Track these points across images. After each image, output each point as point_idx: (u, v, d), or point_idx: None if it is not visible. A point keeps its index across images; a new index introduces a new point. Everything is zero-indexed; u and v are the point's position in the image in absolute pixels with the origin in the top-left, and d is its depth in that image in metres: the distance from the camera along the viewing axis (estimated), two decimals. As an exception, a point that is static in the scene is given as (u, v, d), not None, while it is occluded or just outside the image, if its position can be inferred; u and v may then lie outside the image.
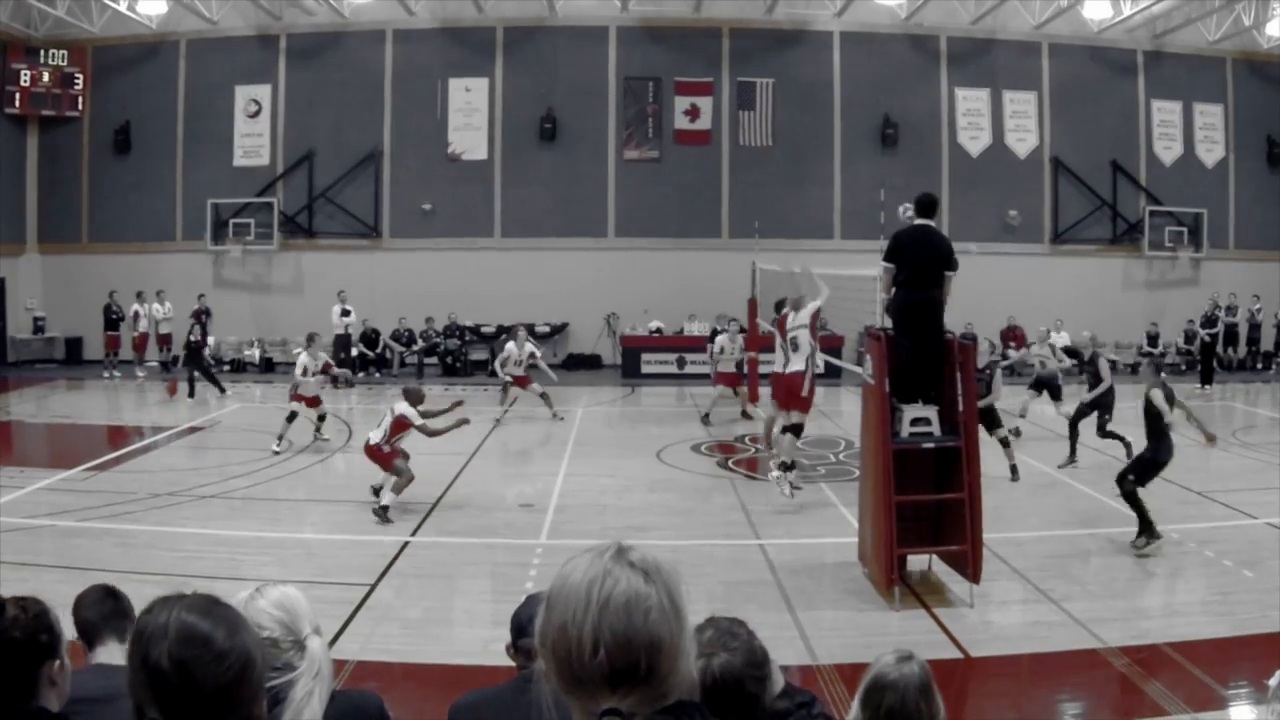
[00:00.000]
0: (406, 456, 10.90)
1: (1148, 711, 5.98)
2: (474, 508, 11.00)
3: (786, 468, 11.06)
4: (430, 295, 23.35)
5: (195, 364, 19.20)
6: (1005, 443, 12.41)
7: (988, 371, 12.34)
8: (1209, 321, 22.62)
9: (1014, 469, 12.31)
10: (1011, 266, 23.88)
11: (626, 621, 1.38)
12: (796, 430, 11.25)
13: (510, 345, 16.97)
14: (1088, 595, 8.09)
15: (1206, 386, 21.27)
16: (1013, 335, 22.97)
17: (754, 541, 9.57)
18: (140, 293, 22.66)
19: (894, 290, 8.36)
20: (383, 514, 10.35)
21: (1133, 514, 9.43)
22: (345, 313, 21.65)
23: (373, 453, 10.93)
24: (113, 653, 2.66)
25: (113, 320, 22.79)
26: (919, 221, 8.44)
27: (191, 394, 19.06)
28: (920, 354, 8.25)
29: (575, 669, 1.38)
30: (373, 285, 21.44)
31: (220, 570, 8.23)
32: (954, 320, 8.98)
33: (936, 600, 8.05)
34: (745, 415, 16.84)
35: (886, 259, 8.32)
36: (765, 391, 14.93)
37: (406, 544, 9.54)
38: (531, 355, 16.92)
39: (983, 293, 21.04)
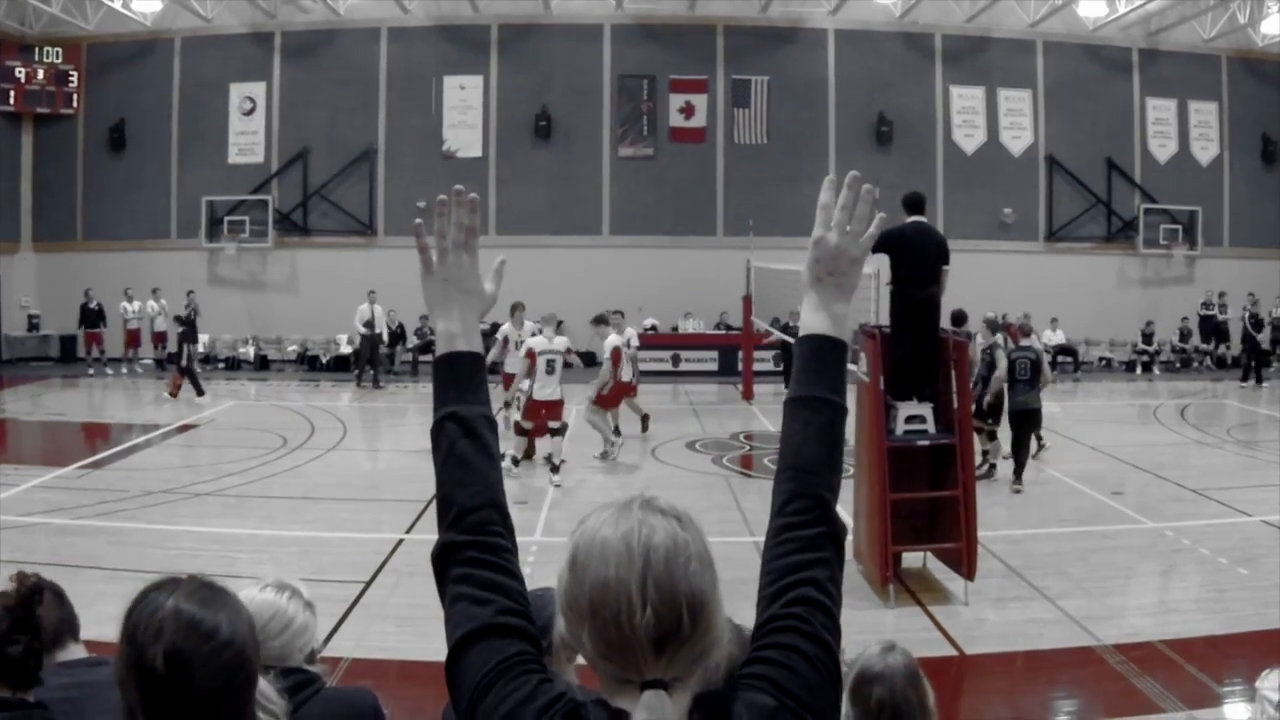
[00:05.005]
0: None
1: (1143, 709, 5.99)
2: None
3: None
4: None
5: (180, 362, 19.00)
6: (993, 435, 12.29)
7: (988, 354, 12.13)
8: (1255, 322, 21.85)
9: (993, 466, 12.23)
10: (1006, 264, 23.93)
11: (669, 574, 1.32)
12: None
13: (612, 336, 13.69)
14: (1082, 592, 8.10)
15: (1253, 383, 21.11)
16: (1008, 331, 22.97)
17: (749, 539, 9.58)
18: (129, 289, 22.55)
19: (891, 288, 8.35)
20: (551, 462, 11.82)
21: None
22: (369, 323, 20.62)
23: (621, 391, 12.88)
24: (72, 651, 2.63)
25: (90, 317, 22.59)
26: (913, 219, 8.44)
27: (200, 392, 18.85)
28: (917, 351, 8.26)
29: (623, 631, 1.30)
30: (367, 283, 21.38)
31: (215, 568, 8.18)
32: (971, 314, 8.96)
33: (932, 598, 8.05)
34: (644, 424, 15.04)
35: (885, 250, 8.30)
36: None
37: (401, 541, 9.54)
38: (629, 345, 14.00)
39: (977, 291, 21.00)
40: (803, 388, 1.64)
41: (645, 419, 15.05)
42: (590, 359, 24.19)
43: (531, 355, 12.13)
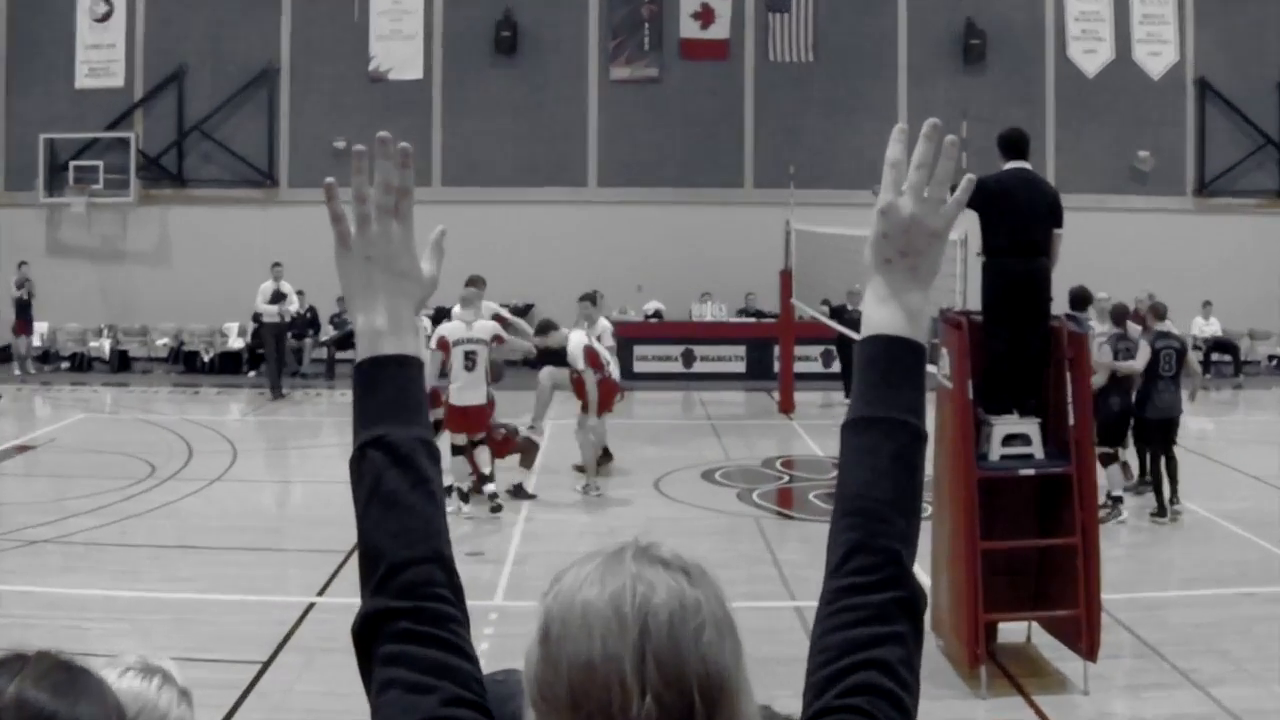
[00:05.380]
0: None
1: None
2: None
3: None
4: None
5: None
6: (1112, 459, 12.29)
7: (1120, 348, 12.16)
8: None
9: (1117, 502, 12.24)
10: (1140, 227, 23.91)
11: (675, 648, 1.31)
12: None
13: (575, 335, 13.78)
14: (1245, 678, 8.09)
15: None
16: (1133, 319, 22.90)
17: (788, 603, 9.59)
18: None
19: (984, 260, 8.35)
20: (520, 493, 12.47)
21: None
22: (280, 296, 20.86)
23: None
24: None
25: None
26: (1013, 165, 8.44)
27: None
28: (1020, 347, 8.25)
29: None
30: (268, 252, 21.36)
31: (57, 642, 8.20)
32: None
33: (1038, 684, 8.04)
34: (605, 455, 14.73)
35: (975, 208, 8.29)
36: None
37: (312, 606, 9.53)
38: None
39: (1100, 263, 20.88)
40: (867, 406, 1.65)
41: (606, 453, 14.70)
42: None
43: (445, 346, 12.25)
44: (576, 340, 13.46)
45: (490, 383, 13.06)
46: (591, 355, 13.33)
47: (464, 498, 12.41)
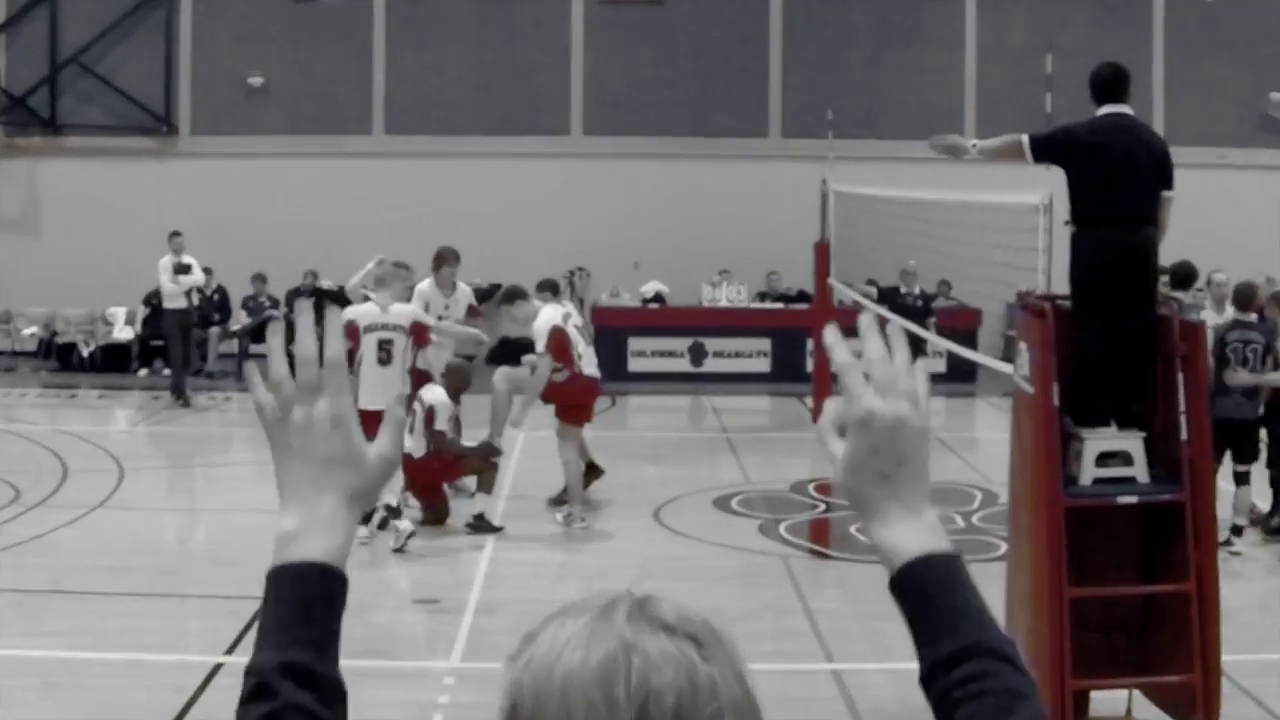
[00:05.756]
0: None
1: None
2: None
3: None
4: (261, 234, 23.21)
5: None
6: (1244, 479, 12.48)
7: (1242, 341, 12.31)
8: None
9: (1237, 532, 12.36)
10: (1271, 188, 23.84)
11: None
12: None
13: (547, 310, 14.02)
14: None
15: None
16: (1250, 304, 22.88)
17: (824, 665, 9.59)
18: None
19: (1073, 231, 8.34)
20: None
21: None
22: (184, 268, 20.72)
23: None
24: None
25: None
26: (1110, 110, 8.42)
27: None
28: (1118, 340, 8.23)
29: None
30: (162, 216, 21.33)
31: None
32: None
33: (1141, 768, 8.03)
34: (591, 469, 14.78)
35: (1060, 161, 8.26)
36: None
37: (218, 668, 9.52)
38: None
39: (1218, 231, 20.82)
40: (938, 646, 1.68)
41: (592, 468, 14.69)
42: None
43: (354, 332, 12.30)
44: (546, 318, 13.40)
45: (452, 392, 13.09)
46: (558, 341, 13.20)
47: (393, 512, 12.37)
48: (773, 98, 24.42)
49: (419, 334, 12.82)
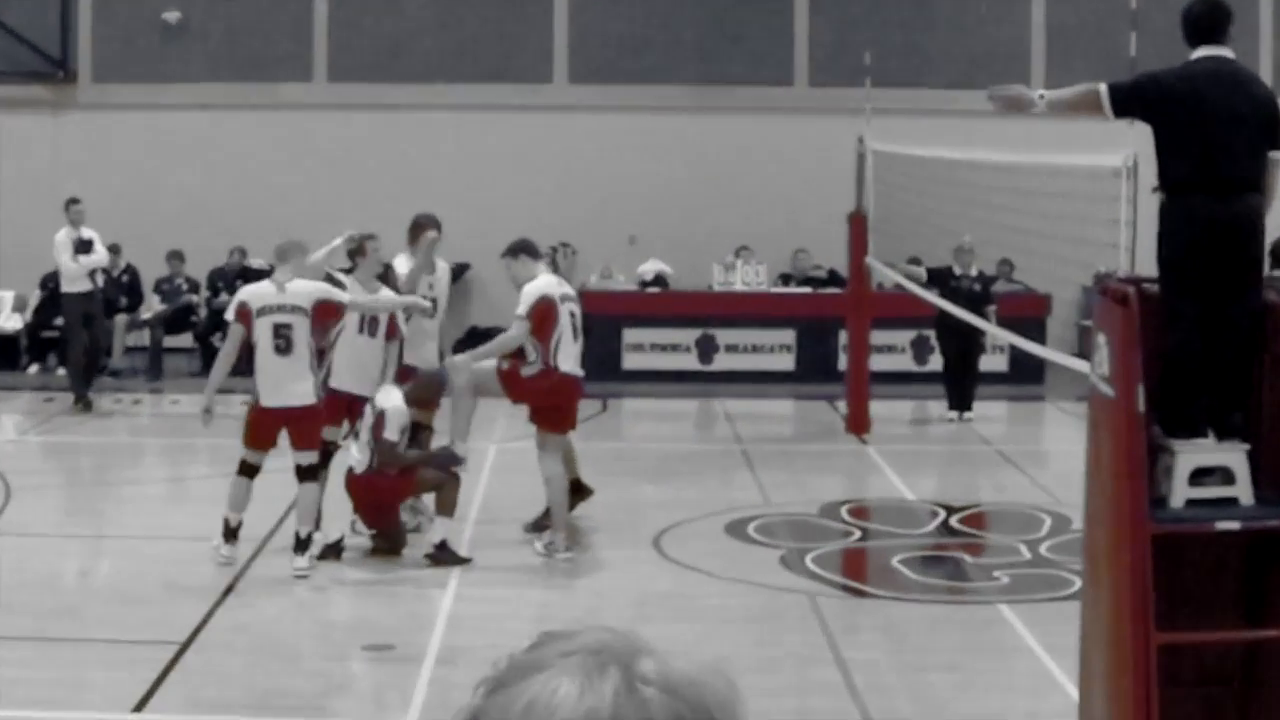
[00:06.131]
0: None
1: None
2: (274, 649, 11.03)
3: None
4: (179, 203, 23.27)
5: None
6: None
7: None
8: None
9: None
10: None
11: None
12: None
13: (543, 275, 14.15)
14: None
15: None
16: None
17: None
18: None
19: (1162, 199, 8.35)
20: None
21: None
22: (85, 244, 20.77)
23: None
24: None
25: None
26: (1206, 53, 8.44)
27: None
28: (1217, 332, 8.24)
29: None
30: (58, 179, 21.36)
31: None
32: None
33: None
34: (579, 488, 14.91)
35: (1144, 115, 8.29)
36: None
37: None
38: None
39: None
40: None
41: (579, 486, 14.74)
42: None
43: (246, 315, 12.48)
44: (543, 283, 13.38)
45: (420, 404, 13.10)
46: (541, 311, 13.15)
47: (334, 547, 12.60)
48: (799, 37, 24.45)
49: (321, 314, 12.65)
